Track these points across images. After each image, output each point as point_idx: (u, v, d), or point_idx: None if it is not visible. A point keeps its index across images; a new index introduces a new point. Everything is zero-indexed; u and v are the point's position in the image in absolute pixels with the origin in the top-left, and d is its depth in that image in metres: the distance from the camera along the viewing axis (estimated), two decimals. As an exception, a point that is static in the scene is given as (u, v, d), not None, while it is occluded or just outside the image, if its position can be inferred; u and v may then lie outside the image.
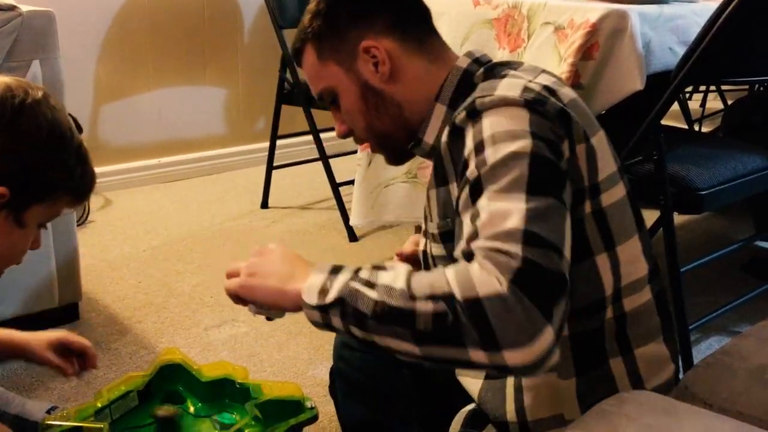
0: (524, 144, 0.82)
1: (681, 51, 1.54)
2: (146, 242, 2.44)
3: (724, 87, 3.29)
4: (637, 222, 0.99)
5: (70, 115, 1.05)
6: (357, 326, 0.79)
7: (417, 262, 1.24)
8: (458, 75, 1.01)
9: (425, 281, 0.77)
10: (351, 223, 2.36)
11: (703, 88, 3.55)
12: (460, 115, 0.89)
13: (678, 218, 1.63)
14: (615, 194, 0.94)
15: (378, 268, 0.82)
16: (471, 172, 0.84)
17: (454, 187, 0.93)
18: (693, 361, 1.58)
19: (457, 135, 0.90)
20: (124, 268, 2.24)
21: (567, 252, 0.79)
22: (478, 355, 0.73)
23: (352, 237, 2.51)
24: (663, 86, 1.51)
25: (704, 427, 0.79)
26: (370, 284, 0.79)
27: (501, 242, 0.75)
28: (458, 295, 0.73)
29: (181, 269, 2.25)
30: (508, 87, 0.89)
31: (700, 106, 3.66)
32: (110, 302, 2.02)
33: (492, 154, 0.83)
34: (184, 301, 2.04)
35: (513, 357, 0.72)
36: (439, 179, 0.96)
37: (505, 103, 0.87)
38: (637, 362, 0.96)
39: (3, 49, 1.54)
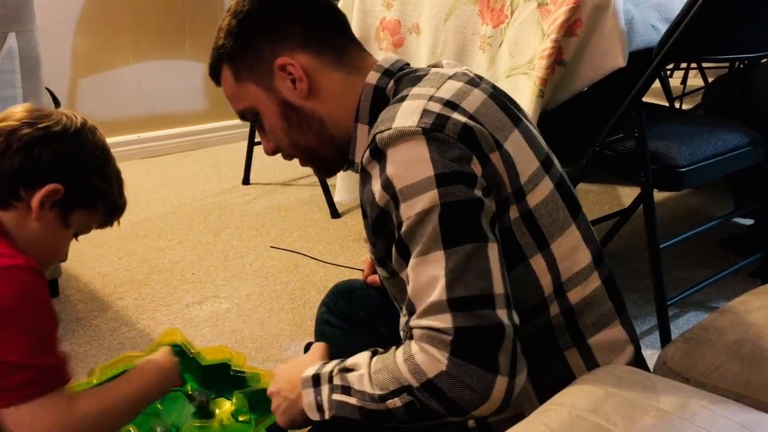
0: (430, 197, 0.83)
1: (663, 28, 1.54)
2: (126, 218, 2.38)
3: (704, 64, 3.30)
4: (573, 211, 0.97)
5: (47, 89, 1.11)
6: (355, 423, 0.89)
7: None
8: (370, 93, 0.99)
9: (387, 378, 0.85)
10: (336, 199, 2.36)
11: (684, 65, 3.56)
12: (365, 155, 0.88)
13: (657, 195, 1.64)
14: (541, 192, 0.93)
15: (344, 370, 0.90)
16: (396, 224, 0.86)
17: (367, 223, 0.94)
18: (671, 336, 1.59)
19: (366, 177, 0.89)
20: (105, 245, 2.22)
21: (498, 286, 0.82)
22: (452, 418, 0.83)
23: (334, 213, 2.51)
24: (645, 63, 1.52)
25: (681, 400, 0.80)
26: (347, 391, 0.88)
27: (431, 319, 0.82)
28: (414, 384, 0.82)
29: (162, 245, 2.24)
30: (406, 114, 0.87)
31: (681, 83, 3.67)
32: (91, 279, 2.01)
33: (405, 212, 0.84)
34: (165, 278, 2.03)
35: (479, 411, 0.81)
36: (363, 211, 0.96)
37: (403, 136, 0.85)
38: (593, 351, 0.95)
39: (-23, 22, 1.51)
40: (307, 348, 1.45)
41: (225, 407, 1.30)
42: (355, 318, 1.27)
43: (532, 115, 1.56)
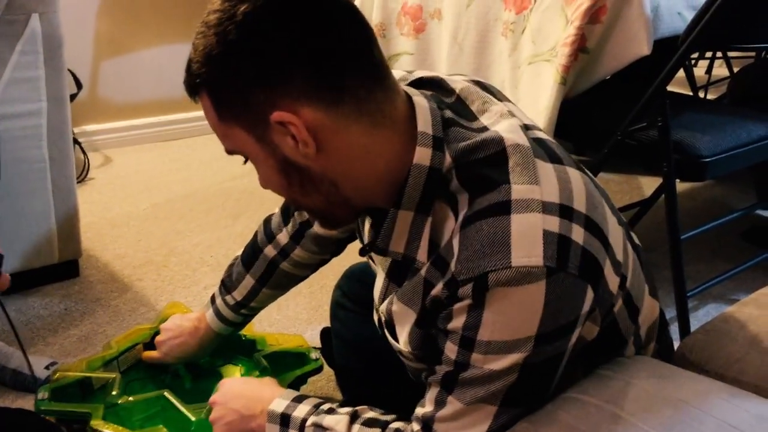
0: (520, 356, 0.73)
1: (689, 16, 1.52)
2: (146, 200, 2.43)
3: (730, 54, 3.26)
4: (637, 253, 0.91)
5: (69, 70, 1.08)
6: None
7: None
8: (423, 177, 0.77)
9: None
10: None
11: (709, 54, 3.51)
12: (465, 287, 0.72)
13: (679, 185, 1.62)
14: (630, 261, 0.85)
15: (319, 427, 0.88)
16: (447, 357, 0.77)
17: (413, 315, 0.82)
18: (690, 328, 1.58)
19: (450, 292, 0.74)
20: (124, 226, 2.24)
21: None
22: None
23: (353, 199, 2.50)
24: (670, 51, 1.49)
25: (700, 392, 0.80)
26: None
27: None
28: None
29: (182, 228, 2.25)
30: (524, 241, 0.71)
31: (706, 73, 3.62)
32: (110, 260, 2.02)
33: (479, 362, 0.74)
34: (184, 260, 2.04)
35: None
36: (406, 296, 0.83)
37: (525, 280, 0.70)
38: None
39: (1, 3, 1.52)
40: (322, 334, 1.46)
41: (235, 374, 1.34)
42: (369, 301, 1.28)
43: (553, 103, 1.54)
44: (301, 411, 0.91)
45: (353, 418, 0.87)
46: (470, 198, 0.75)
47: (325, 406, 0.91)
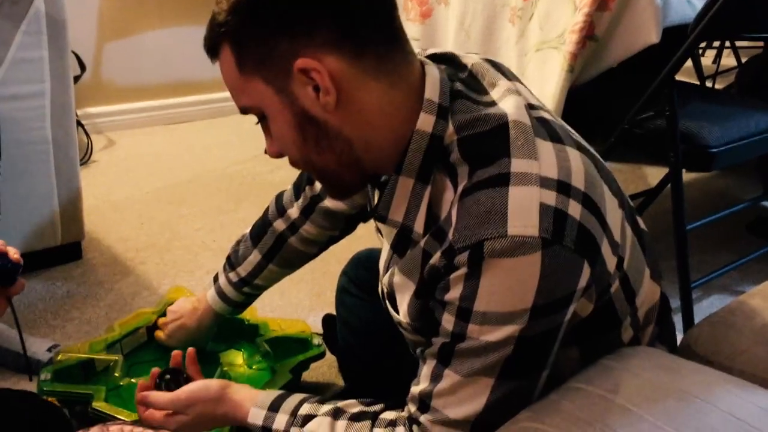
0: (515, 328, 0.74)
1: (699, 4, 1.50)
2: (150, 184, 2.42)
3: (738, 44, 3.23)
4: (639, 236, 0.90)
5: (73, 52, 1.06)
6: None
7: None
8: (424, 144, 0.78)
9: None
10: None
11: (717, 44, 3.48)
12: (461, 255, 0.73)
13: (686, 175, 1.61)
14: (628, 244, 0.85)
15: (306, 418, 0.89)
16: (444, 328, 0.78)
17: (413, 286, 0.83)
18: (694, 319, 1.58)
19: (447, 260, 0.75)
20: (127, 210, 2.23)
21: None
22: None
23: (356, 185, 2.50)
24: (679, 40, 1.48)
25: (705, 383, 0.79)
26: None
27: (446, 429, 0.79)
28: None
29: (185, 212, 2.25)
30: (521, 212, 0.72)
31: (713, 62, 3.60)
32: (113, 243, 2.02)
33: (475, 333, 0.75)
34: (187, 244, 2.04)
35: None
36: (406, 267, 0.83)
37: (521, 248, 0.71)
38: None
39: (5, -18, 1.51)
40: (324, 321, 1.46)
41: (238, 360, 1.34)
42: (375, 287, 1.28)
43: (560, 91, 1.53)
44: (280, 423, 0.91)
45: (336, 416, 0.87)
46: (470, 170, 0.76)
47: (304, 410, 0.90)
